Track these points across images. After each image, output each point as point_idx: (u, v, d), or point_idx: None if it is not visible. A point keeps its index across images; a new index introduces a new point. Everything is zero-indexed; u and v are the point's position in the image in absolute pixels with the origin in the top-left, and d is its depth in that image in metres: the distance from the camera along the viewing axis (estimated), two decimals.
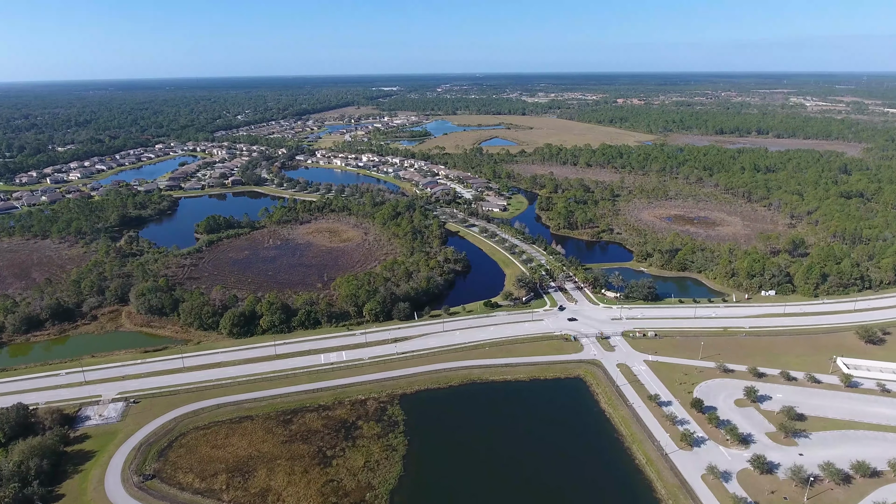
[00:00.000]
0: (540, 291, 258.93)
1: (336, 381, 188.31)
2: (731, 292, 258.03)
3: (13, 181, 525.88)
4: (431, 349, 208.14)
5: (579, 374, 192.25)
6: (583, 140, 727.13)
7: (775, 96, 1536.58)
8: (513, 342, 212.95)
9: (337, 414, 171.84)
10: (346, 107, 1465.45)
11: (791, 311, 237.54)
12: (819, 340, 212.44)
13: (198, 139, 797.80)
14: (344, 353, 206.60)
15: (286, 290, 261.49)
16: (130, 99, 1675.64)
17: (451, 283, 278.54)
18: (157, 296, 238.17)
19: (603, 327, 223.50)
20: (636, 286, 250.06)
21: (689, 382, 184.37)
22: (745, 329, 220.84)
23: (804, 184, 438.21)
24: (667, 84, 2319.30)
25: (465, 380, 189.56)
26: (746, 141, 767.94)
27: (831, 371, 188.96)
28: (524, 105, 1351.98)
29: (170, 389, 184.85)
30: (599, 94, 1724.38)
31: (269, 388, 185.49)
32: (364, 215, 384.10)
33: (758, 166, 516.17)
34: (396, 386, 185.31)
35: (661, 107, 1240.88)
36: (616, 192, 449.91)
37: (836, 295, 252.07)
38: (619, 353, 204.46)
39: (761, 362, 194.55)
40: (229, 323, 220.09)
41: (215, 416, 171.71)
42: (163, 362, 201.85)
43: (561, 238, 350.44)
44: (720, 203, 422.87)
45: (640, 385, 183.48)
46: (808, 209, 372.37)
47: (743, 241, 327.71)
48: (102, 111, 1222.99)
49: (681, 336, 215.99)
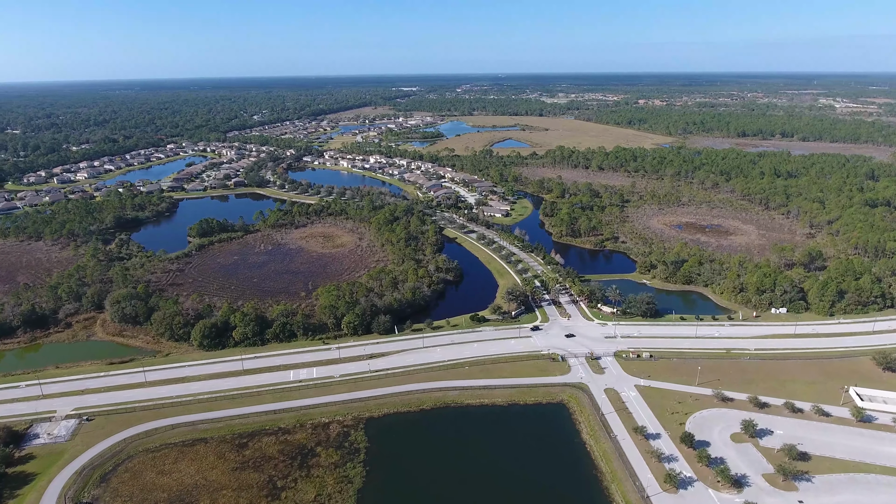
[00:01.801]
0: (532, 305, 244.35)
1: (301, 401, 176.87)
2: (738, 309, 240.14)
3: (21, 181, 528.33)
4: (407, 367, 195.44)
5: (563, 399, 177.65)
6: (598, 142, 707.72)
7: (803, 97, 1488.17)
8: (495, 361, 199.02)
9: (296, 438, 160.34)
10: (363, 107, 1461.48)
11: (802, 331, 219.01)
12: (831, 366, 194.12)
13: (209, 139, 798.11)
14: (315, 370, 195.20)
15: (267, 299, 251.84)
16: (152, 98, 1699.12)
17: (441, 294, 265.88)
18: (131, 303, 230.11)
19: (595, 346, 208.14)
20: (634, 301, 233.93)
21: (681, 412, 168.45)
22: (749, 351, 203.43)
23: (827, 190, 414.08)
24: (692, 85, 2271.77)
25: (439, 403, 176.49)
26: (770, 144, 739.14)
27: (842, 402, 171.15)
28: (542, 106, 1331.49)
29: (127, 406, 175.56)
30: (621, 94, 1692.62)
31: (230, 407, 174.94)
32: (361, 220, 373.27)
33: (778, 171, 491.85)
34: (364, 408, 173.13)
35: (682, 108, 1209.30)
36: (626, 197, 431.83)
37: (853, 314, 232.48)
38: (608, 376, 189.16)
39: (764, 390, 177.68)
40: (200, 334, 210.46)
41: (168, 437, 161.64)
42: (126, 376, 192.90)
43: (563, 246, 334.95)
44: (735, 210, 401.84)
45: (627, 414, 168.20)
46: (828, 218, 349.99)
47: (756, 252, 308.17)
48: (123, 111, 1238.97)
49: (678, 358, 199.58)
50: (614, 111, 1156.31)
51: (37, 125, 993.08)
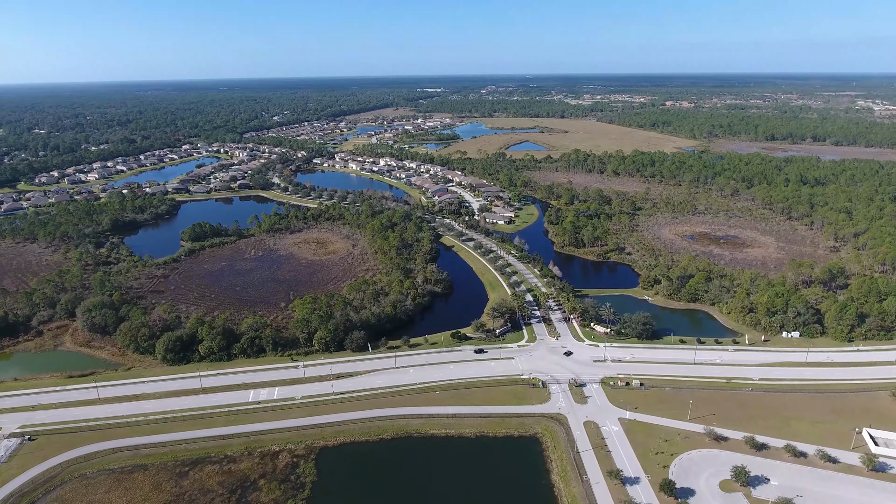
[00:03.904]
0: (520, 322, 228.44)
1: (254, 425, 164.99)
2: (745, 331, 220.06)
3: (34, 181, 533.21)
4: (374, 390, 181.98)
5: (537, 432, 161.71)
6: (617, 145, 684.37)
7: (841, 99, 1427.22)
8: (470, 385, 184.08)
9: (241, 468, 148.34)
10: (384, 108, 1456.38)
11: (815, 359, 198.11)
12: (844, 402, 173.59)
13: (224, 140, 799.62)
14: (277, 390, 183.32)
15: (244, 310, 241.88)
16: (180, 99, 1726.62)
17: (429, 307, 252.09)
18: (101, 312, 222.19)
19: (581, 371, 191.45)
20: (630, 321, 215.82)
21: (667, 452, 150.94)
22: (752, 382, 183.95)
23: (856, 199, 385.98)
24: (723, 86, 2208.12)
25: (401, 432, 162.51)
26: (799, 148, 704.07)
27: (853, 446, 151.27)
28: (565, 107, 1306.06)
29: (73, 426, 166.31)
30: (648, 96, 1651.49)
31: (179, 429, 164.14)
32: (358, 225, 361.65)
33: (805, 178, 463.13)
34: (319, 436, 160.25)
35: (711, 110, 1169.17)
36: (638, 204, 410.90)
37: (875, 340, 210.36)
38: (591, 406, 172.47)
39: (765, 428, 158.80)
40: (163, 348, 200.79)
41: (108, 462, 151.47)
42: (81, 391, 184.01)
43: (565, 257, 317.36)
44: (755, 220, 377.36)
45: (605, 452, 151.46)
46: (855, 230, 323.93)
47: (773, 267, 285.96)
48: (148, 111, 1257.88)
49: (671, 387, 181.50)
50: (638, 113, 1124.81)
51: (63, 125, 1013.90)
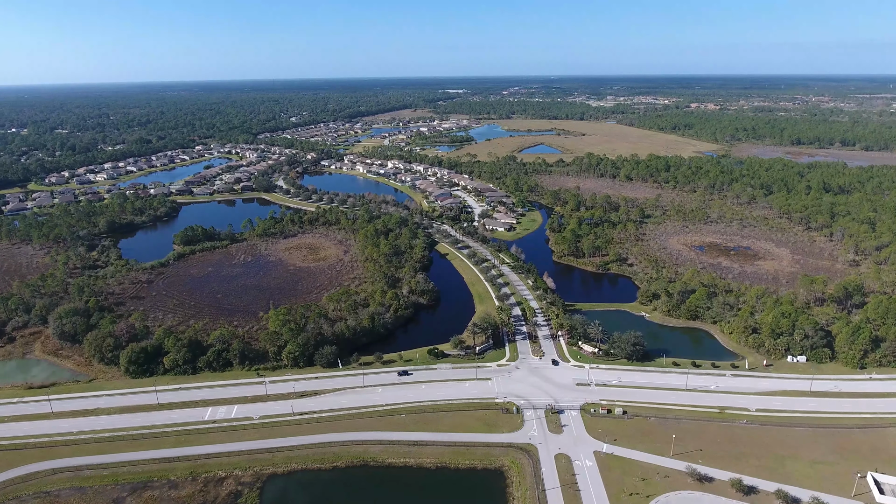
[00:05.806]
0: (504, 339, 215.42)
1: (204, 447, 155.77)
2: (747, 354, 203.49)
3: (44, 181, 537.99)
4: (336, 411, 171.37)
5: (503, 464, 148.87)
6: (635, 149, 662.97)
7: (874, 102, 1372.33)
8: (438, 409, 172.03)
9: (181, 495, 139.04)
10: (402, 109, 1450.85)
11: (821, 388, 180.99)
12: (850, 438, 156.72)
13: (237, 141, 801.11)
14: (235, 408, 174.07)
15: (221, 319, 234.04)
16: (204, 99, 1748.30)
17: (412, 319, 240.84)
18: (71, 320, 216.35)
19: (561, 395, 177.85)
20: (620, 340, 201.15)
21: (643, 493, 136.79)
22: (748, 413, 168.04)
23: (881, 209, 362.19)
24: (752, 87, 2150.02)
25: (358, 459, 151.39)
26: (826, 153, 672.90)
27: (854, 493, 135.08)
28: (585, 109, 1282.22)
29: (18, 442, 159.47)
30: (673, 98, 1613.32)
31: (126, 449, 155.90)
32: (353, 231, 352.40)
33: (828, 185, 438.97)
34: (269, 461, 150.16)
35: (736, 112, 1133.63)
36: (647, 211, 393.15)
37: (891, 368, 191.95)
38: (566, 436, 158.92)
39: (756, 469, 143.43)
40: (127, 360, 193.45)
41: (45, 483, 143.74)
42: (36, 404, 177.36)
43: (564, 267, 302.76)
44: (770, 230, 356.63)
45: (574, 492, 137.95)
46: (878, 243, 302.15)
47: (785, 282, 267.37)
48: (169, 111, 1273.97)
49: (657, 417, 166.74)
50: (660, 115, 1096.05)
51: (86, 125, 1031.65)
